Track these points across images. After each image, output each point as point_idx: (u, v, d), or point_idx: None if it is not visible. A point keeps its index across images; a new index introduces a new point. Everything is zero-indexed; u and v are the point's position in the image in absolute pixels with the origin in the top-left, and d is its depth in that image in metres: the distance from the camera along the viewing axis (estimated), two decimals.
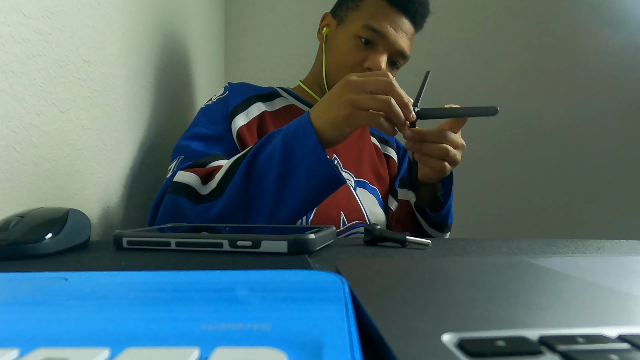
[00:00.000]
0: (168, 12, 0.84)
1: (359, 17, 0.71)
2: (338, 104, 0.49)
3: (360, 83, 0.49)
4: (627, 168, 1.34)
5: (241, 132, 0.68)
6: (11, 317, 0.14)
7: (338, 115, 0.49)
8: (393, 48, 0.71)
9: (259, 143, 0.52)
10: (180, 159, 0.62)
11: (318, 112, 0.51)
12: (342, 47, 0.73)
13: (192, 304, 0.15)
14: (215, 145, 0.66)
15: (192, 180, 0.53)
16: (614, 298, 0.17)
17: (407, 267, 0.23)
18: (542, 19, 1.35)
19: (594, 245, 0.42)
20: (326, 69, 0.76)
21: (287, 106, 0.77)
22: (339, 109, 0.49)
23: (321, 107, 0.51)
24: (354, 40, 0.71)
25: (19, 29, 0.42)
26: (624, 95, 1.34)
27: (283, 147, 0.49)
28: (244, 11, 1.37)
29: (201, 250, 0.35)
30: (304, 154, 0.48)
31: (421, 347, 0.12)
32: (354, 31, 0.71)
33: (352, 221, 0.70)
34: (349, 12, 0.74)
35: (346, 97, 0.48)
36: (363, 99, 0.48)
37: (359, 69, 0.71)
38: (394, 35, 0.70)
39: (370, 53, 0.71)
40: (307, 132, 0.49)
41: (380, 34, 0.69)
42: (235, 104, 0.71)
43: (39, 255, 0.32)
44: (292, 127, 0.51)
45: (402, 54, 0.72)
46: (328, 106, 0.50)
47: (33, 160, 0.45)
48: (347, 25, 0.73)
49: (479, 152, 1.36)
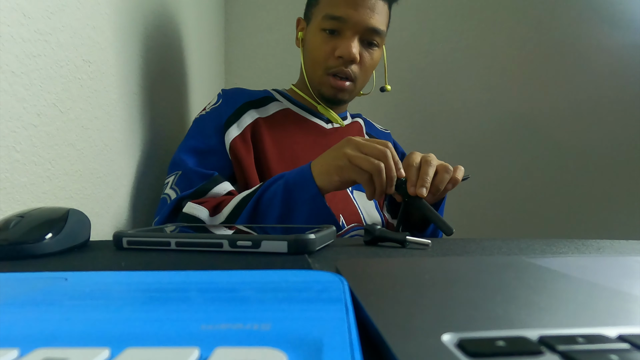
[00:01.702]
0: (168, 12, 0.84)
1: (319, 11, 0.72)
2: (335, 155, 0.54)
3: (360, 144, 0.53)
4: (627, 168, 1.34)
5: (234, 144, 0.70)
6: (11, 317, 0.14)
7: (332, 163, 0.53)
8: (360, 28, 0.70)
9: (264, 186, 0.56)
10: (178, 175, 0.66)
11: (318, 163, 0.55)
12: (311, 44, 0.74)
13: (192, 304, 0.15)
14: (209, 160, 0.69)
15: (202, 213, 0.58)
16: (614, 298, 0.17)
17: (407, 267, 0.23)
18: (542, 19, 1.35)
19: (594, 245, 0.42)
20: (306, 71, 0.76)
21: (281, 110, 0.77)
22: (334, 158, 0.53)
23: (321, 159, 0.55)
24: (320, 34, 0.72)
25: (19, 29, 0.42)
26: (624, 95, 1.34)
27: (285, 192, 0.54)
28: (244, 11, 1.37)
29: (201, 250, 0.35)
30: (305, 201, 0.53)
31: (421, 347, 0.12)
32: (317, 25, 0.72)
33: (350, 224, 0.71)
34: (312, 9, 0.75)
35: (343, 151, 0.53)
36: (358, 156, 0.52)
37: (332, 60, 0.72)
38: (356, 16, 0.69)
39: (338, 41, 0.71)
40: (307, 181, 0.54)
41: (341, 19, 0.69)
42: (228, 115, 0.73)
43: (39, 255, 0.32)
44: (294, 174, 0.56)
45: (372, 30, 0.70)
46: (327, 156, 0.55)
47: (33, 160, 0.45)
48: (312, 22, 0.74)
49: (479, 152, 1.36)
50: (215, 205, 0.59)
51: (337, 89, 0.73)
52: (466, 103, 1.37)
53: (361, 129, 0.85)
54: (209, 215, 0.58)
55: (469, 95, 1.36)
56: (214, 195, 0.63)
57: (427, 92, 1.37)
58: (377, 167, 0.51)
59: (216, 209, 0.59)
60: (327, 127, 0.80)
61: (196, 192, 0.62)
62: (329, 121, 0.80)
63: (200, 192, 0.63)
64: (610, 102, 1.34)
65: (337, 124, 0.80)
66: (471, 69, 1.36)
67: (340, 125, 0.80)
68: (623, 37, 1.34)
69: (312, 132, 0.77)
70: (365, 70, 0.74)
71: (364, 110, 1.27)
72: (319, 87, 0.75)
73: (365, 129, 0.87)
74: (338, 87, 0.73)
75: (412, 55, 1.37)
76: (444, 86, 1.37)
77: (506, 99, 1.36)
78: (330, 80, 0.73)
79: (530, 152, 1.36)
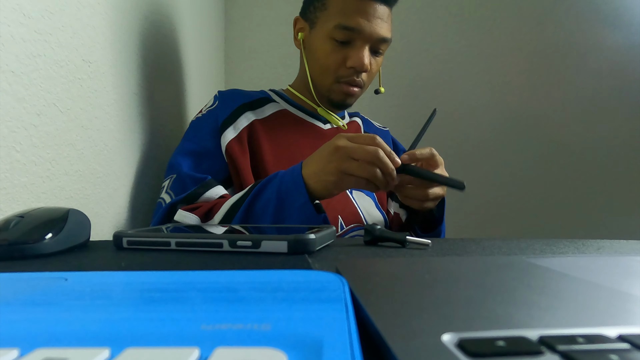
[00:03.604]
0: (168, 13, 0.84)
1: (329, 17, 0.69)
2: (327, 169, 0.52)
3: (349, 150, 0.51)
4: (627, 168, 1.34)
5: (230, 147, 0.70)
6: (11, 317, 0.14)
7: (327, 180, 0.52)
8: (372, 39, 0.69)
9: (255, 191, 0.56)
10: (173, 179, 0.66)
11: (309, 171, 0.54)
12: (320, 51, 0.71)
13: (192, 304, 0.15)
14: (205, 162, 0.69)
15: (192, 221, 0.59)
16: (614, 298, 0.17)
17: (407, 267, 0.23)
18: (542, 19, 1.35)
19: (594, 245, 0.42)
20: (311, 76, 0.75)
21: (278, 112, 0.77)
22: (327, 174, 0.52)
23: (312, 167, 0.54)
24: (330, 42, 0.70)
25: (19, 29, 0.42)
26: (624, 95, 1.34)
27: (277, 200, 0.54)
28: (244, 11, 1.37)
29: (201, 250, 0.35)
30: (295, 208, 0.53)
31: (421, 347, 0.12)
32: (327, 33, 0.70)
33: (350, 224, 0.70)
34: (317, 13, 0.72)
35: (334, 165, 0.52)
36: (351, 167, 0.51)
37: (343, 69, 0.71)
38: (369, 26, 0.68)
39: (349, 50, 0.70)
40: (299, 189, 0.53)
41: (355, 30, 0.68)
42: (224, 117, 0.72)
43: (39, 255, 0.32)
44: (286, 181, 0.55)
45: (382, 40, 0.70)
46: (319, 169, 0.53)
47: (33, 160, 0.45)
48: (320, 27, 0.71)
49: (479, 152, 1.36)
50: (207, 212, 0.59)
51: (347, 94, 0.73)
52: (466, 103, 1.37)
53: (359, 128, 0.85)
54: (200, 223, 0.58)
55: (469, 95, 1.36)
56: (206, 199, 0.63)
57: (426, 92, 1.37)
58: (373, 173, 0.51)
59: (207, 215, 0.59)
60: (325, 127, 0.79)
61: (188, 197, 0.62)
62: (327, 122, 0.80)
63: (191, 196, 0.63)
64: (610, 102, 1.34)
65: (336, 125, 0.79)
66: (471, 68, 1.36)
67: (339, 127, 0.79)
68: (623, 37, 1.34)
69: (310, 133, 0.77)
70: (372, 76, 0.75)
71: (364, 109, 1.27)
72: (328, 94, 0.74)
73: (363, 127, 0.86)
74: (349, 93, 0.73)
75: (412, 55, 1.37)
76: (443, 86, 1.37)
77: (506, 99, 1.36)
78: (343, 87, 0.72)
79: (530, 152, 1.36)
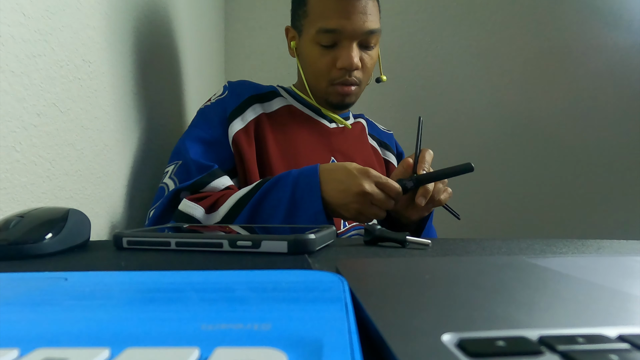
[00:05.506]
0: (168, 13, 0.84)
1: (311, 23, 0.70)
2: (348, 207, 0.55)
3: (375, 200, 0.54)
4: (627, 168, 1.34)
5: (237, 137, 0.69)
6: (11, 317, 0.14)
7: (343, 214, 0.56)
8: (357, 35, 0.68)
9: (265, 188, 0.56)
10: (178, 165, 0.65)
11: (329, 191, 0.55)
12: (309, 58, 0.72)
13: (192, 304, 0.15)
14: (213, 150, 0.68)
15: (197, 212, 0.58)
16: (614, 298, 0.17)
17: (407, 267, 0.23)
18: (542, 19, 1.35)
19: (594, 245, 0.42)
20: (307, 82, 0.75)
21: (285, 107, 0.77)
22: (346, 211, 0.55)
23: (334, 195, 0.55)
24: (317, 47, 0.70)
25: (19, 29, 0.42)
26: (624, 95, 1.34)
27: (290, 202, 0.54)
28: (244, 11, 1.37)
29: (201, 250, 0.35)
30: (308, 215, 0.54)
31: (421, 347, 0.12)
32: (312, 39, 0.70)
33: (352, 223, 0.71)
34: (302, 20, 0.72)
35: (356, 207, 0.54)
36: (370, 212, 0.55)
37: (334, 72, 0.71)
38: (351, 24, 0.67)
39: (337, 52, 0.70)
40: (314, 197, 0.55)
41: (337, 31, 0.68)
42: (232, 108, 0.72)
43: (39, 255, 0.32)
44: (301, 185, 0.55)
45: (368, 33, 0.69)
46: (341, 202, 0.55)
47: (33, 160, 0.45)
48: (305, 34, 0.72)
49: (479, 152, 1.36)
50: (212, 204, 0.59)
51: (343, 95, 0.73)
52: (467, 104, 1.37)
53: (363, 129, 0.85)
54: (204, 214, 0.58)
55: (470, 96, 1.36)
56: (211, 189, 0.62)
57: (428, 93, 1.37)
58: (381, 216, 0.56)
59: (212, 207, 0.58)
60: (331, 126, 0.79)
61: (194, 185, 0.62)
62: (332, 120, 0.80)
63: (197, 184, 0.62)
64: (610, 103, 1.34)
65: (341, 124, 0.79)
66: (472, 69, 1.36)
67: (345, 126, 0.79)
68: (623, 38, 1.34)
69: (316, 131, 0.77)
70: (367, 71, 0.74)
71: (367, 110, 1.27)
72: (326, 97, 0.74)
73: (367, 129, 0.86)
74: (345, 94, 0.73)
75: (415, 56, 1.37)
76: (444, 87, 1.37)
77: (507, 100, 1.36)
78: (338, 89, 0.72)
79: (531, 152, 1.36)
